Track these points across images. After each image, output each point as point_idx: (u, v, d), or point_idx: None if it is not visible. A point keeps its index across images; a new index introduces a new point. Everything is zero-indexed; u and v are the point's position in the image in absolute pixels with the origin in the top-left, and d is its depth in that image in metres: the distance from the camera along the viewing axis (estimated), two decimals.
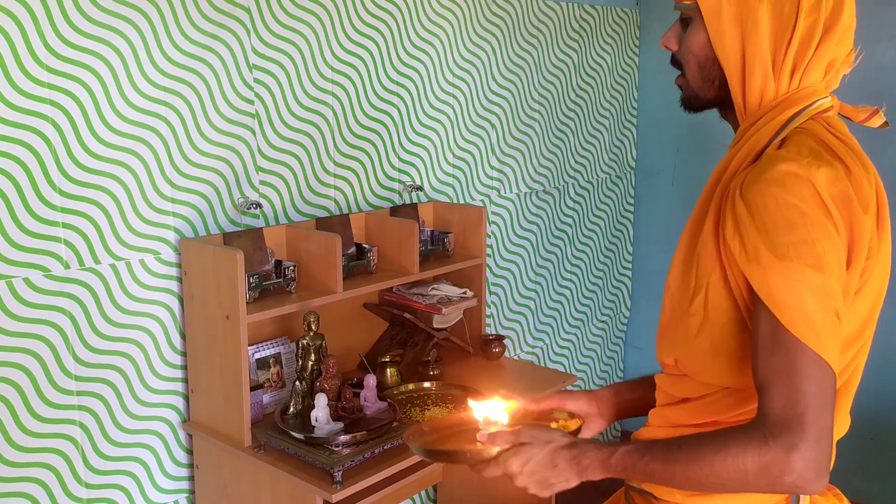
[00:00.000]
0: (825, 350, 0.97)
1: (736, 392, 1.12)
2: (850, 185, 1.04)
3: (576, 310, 3.42)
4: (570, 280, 3.35)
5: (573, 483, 1.13)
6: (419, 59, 2.51)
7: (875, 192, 1.09)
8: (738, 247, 1.03)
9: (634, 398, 1.38)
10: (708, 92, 1.20)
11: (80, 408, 1.82)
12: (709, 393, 1.16)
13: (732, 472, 0.98)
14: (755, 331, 1.02)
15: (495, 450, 1.15)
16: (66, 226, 1.74)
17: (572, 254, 3.34)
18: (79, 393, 1.81)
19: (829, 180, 1.02)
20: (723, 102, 1.21)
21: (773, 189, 1.01)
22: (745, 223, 1.02)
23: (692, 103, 1.24)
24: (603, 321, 3.61)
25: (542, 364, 3.22)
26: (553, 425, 1.28)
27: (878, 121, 1.20)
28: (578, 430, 1.30)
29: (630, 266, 3.75)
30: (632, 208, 3.70)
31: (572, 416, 1.35)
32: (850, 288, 1.06)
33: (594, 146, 3.37)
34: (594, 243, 3.47)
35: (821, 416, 0.95)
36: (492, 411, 1.24)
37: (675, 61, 1.24)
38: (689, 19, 1.20)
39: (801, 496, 1.14)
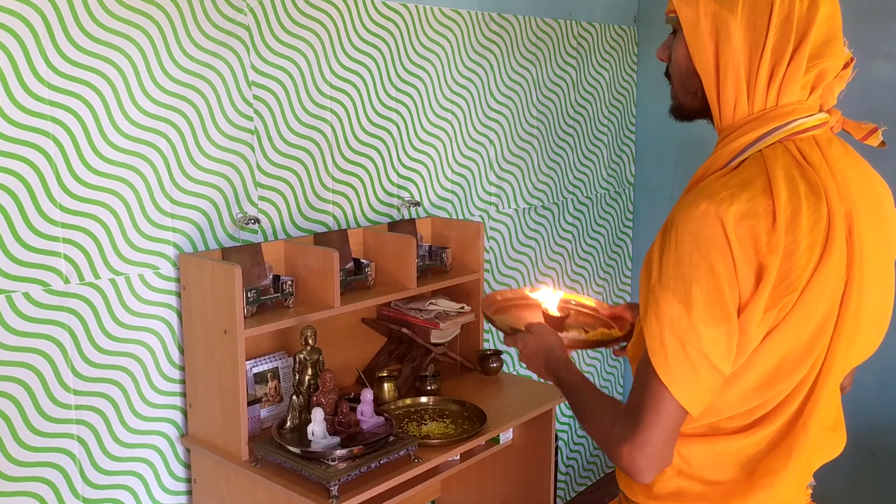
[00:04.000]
0: (670, 381, 1.06)
1: None
2: (770, 224, 1.05)
3: None
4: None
5: (548, 377, 1.34)
6: (418, 76, 2.54)
7: (827, 224, 1.08)
8: (645, 263, 1.12)
9: None
10: (692, 103, 1.22)
11: (79, 422, 1.82)
12: None
13: (594, 431, 1.17)
14: None
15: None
16: (66, 241, 1.76)
17: (572, 269, 3.35)
18: (77, 407, 1.82)
19: (738, 218, 1.05)
20: (706, 114, 1.23)
21: (678, 223, 1.08)
22: (656, 246, 1.11)
23: (678, 113, 1.27)
24: None
25: (543, 380, 3.22)
26: (599, 329, 1.52)
27: (875, 140, 1.20)
28: (617, 340, 1.48)
29: (630, 281, 3.76)
30: (631, 224, 3.71)
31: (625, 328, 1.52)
32: (753, 323, 1.07)
33: (593, 162, 3.39)
34: (594, 259, 3.48)
35: (650, 428, 1.07)
36: (550, 301, 1.56)
37: (668, 73, 1.26)
38: (675, 31, 1.22)
39: None
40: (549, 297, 1.57)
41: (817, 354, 1.11)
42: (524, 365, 1.39)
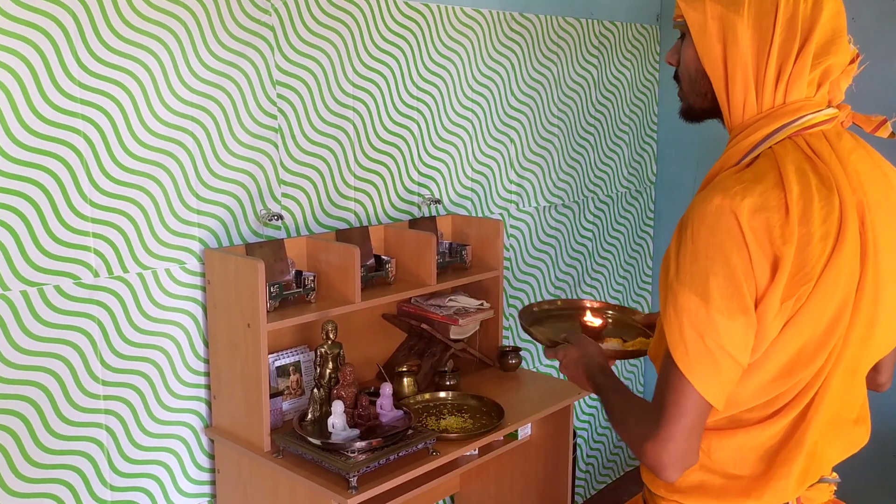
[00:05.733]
0: (691, 373, 1.08)
1: None
2: (784, 217, 1.07)
3: None
4: (590, 294, 3.37)
5: (588, 388, 1.34)
6: (439, 75, 2.57)
7: (839, 216, 1.09)
8: (664, 261, 1.14)
9: None
10: (701, 104, 1.25)
11: (107, 412, 1.88)
12: None
13: (625, 435, 1.17)
14: None
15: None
16: (95, 235, 1.81)
17: (592, 267, 3.36)
18: (105, 397, 1.87)
19: (752, 210, 1.07)
20: (717, 114, 1.25)
21: (693, 219, 1.10)
22: (673, 243, 1.13)
23: (688, 115, 1.30)
24: None
25: (563, 377, 3.24)
26: (638, 338, 1.55)
27: (885, 131, 1.21)
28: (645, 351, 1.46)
29: (650, 280, 3.76)
30: (652, 223, 3.71)
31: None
32: (770, 314, 1.08)
33: (614, 160, 3.39)
34: (614, 257, 3.49)
35: (673, 423, 1.09)
36: (594, 314, 1.61)
37: (676, 76, 1.28)
38: (684, 35, 1.24)
39: None
40: (585, 307, 1.63)
41: (834, 344, 1.13)
42: (564, 376, 1.41)
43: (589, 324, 1.56)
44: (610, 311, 1.68)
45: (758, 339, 1.09)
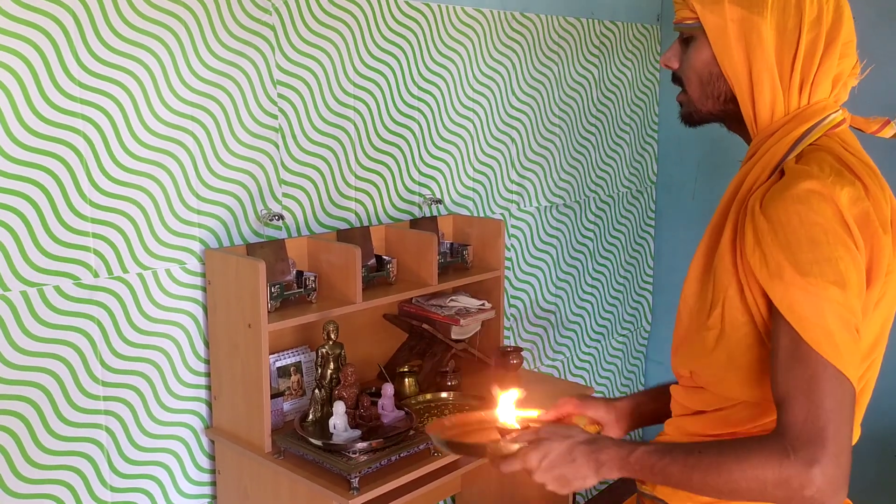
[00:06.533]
0: (846, 366, 0.98)
1: (752, 405, 1.12)
2: (875, 206, 1.06)
3: (596, 323, 3.43)
4: (591, 294, 3.37)
5: (590, 481, 1.12)
6: (440, 75, 2.56)
7: (890, 210, 1.10)
8: (759, 262, 1.04)
9: (654, 409, 1.39)
10: (712, 107, 1.22)
11: (107, 413, 1.87)
12: (725, 406, 1.16)
13: (752, 482, 1.00)
14: (775, 346, 1.03)
15: (516, 445, 1.15)
16: (95, 236, 1.81)
17: (593, 267, 3.36)
18: (105, 398, 1.86)
19: (850, 200, 1.04)
20: (728, 116, 1.23)
21: (796, 206, 1.02)
22: (767, 239, 1.03)
23: (692, 118, 1.27)
24: (624, 335, 3.62)
25: (563, 377, 3.24)
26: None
27: (889, 131, 1.21)
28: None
29: (651, 280, 3.75)
30: (653, 223, 3.71)
31: (592, 422, 1.37)
32: (869, 305, 1.07)
33: (615, 160, 3.39)
34: (615, 257, 3.48)
35: (840, 431, 0.96)
36: (508, 414, 1.30)
37: (676, 79, 1.26)
38: (690, 38, 1.22)
39: None
40: (501, 414, 1.30)
41: (886, 335, 1.13)
42: (549, 482, 1.14)
43: (508, 427, 1.25)
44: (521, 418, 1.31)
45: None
